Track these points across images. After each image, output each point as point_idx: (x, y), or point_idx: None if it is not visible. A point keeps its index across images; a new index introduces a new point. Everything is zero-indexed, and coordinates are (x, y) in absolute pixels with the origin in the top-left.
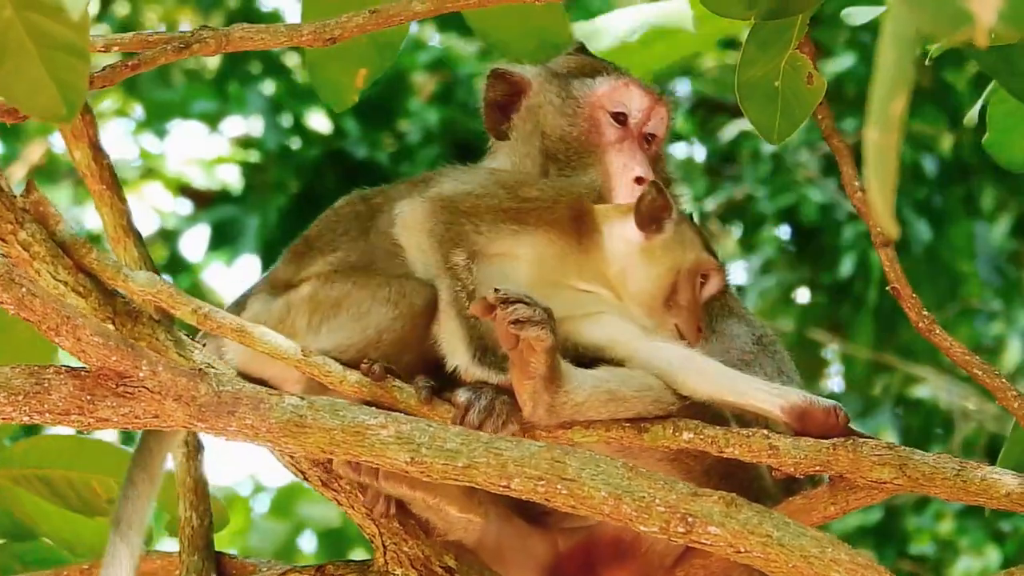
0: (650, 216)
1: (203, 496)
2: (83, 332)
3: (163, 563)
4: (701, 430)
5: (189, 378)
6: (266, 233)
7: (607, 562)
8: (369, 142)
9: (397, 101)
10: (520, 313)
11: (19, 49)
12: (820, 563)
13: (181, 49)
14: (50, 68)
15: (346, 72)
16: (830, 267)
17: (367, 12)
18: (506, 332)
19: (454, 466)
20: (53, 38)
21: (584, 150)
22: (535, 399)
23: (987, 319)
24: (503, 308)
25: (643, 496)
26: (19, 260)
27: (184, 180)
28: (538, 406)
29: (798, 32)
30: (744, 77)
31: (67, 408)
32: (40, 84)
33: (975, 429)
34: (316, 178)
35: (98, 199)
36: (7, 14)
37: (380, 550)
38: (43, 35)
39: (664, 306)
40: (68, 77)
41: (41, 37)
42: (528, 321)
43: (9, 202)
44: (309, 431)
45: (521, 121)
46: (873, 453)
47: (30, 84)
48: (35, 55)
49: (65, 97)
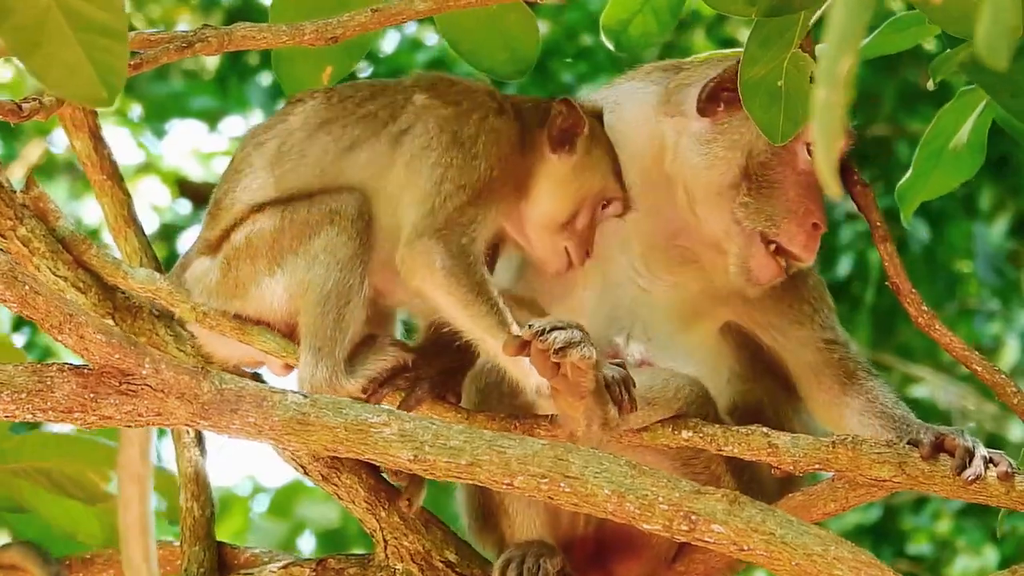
0: (560, 136)
1: (204, 487)
2: (86, 330)
3: (164, 553)
4: (700, 428)
5: (192, 376)
6: None
7: (616, 551)
8: None
9: None
10: (559, 340)
11: (57, 33)
12: (823, 561)
13: (183, 48)
14: (88, 51)
15: (313, 69)
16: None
17: (369, 11)
18: (544, 362)
19: (457, 464)
20: (90, 21)
21: None
22: (590, 416)
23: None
24: (540, 341)
25: (646, 494)
26: (19, 256)
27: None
28: (593, 422)
29: (800, 30)
30: (747, 76)
31: (70, 406)
32: (79, 68)
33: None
34: None
35: (99, 189)
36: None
37: (381, 544)
38: (80, 18)
39: (560, 228)
40: (107, 60)
41: (78, 20)
42: (568, 345)
43: (9, 198)
44: (312, 429)
45: (735, 121)
46: (872, 451)
47: (69, 68)
48: (73, 39)
49: (104, 80)
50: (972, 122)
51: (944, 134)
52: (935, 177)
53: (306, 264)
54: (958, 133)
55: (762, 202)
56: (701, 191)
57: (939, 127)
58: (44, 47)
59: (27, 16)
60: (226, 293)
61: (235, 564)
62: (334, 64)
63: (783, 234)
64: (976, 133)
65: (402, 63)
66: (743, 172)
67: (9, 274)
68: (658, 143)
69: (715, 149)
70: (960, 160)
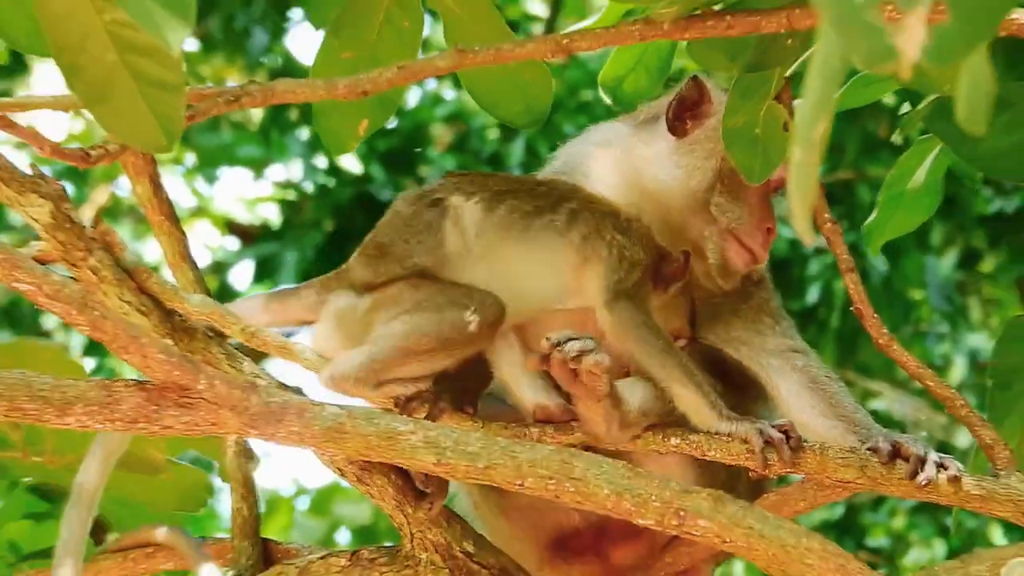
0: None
1: (251, 489)
2: (149, 350)
3: (217, 548)
4: (687, 436)
5: (242, 390)
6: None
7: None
8: (393, 185)
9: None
10: (574, 348)
11: (122, 87)
12: (796, 551)
13: (231, 102)
14: (150, 103)
15: (348, 122)
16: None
17: (395, 67)
18: (563, 371)
19: (475, 467)
20: (152, 77)
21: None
22: (608, 418)
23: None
24: (558, 352)
25: (641, 493)
26: (89, 284)
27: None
28: (612, 424)
29: (775, 84)
30: (728, 125)
31: (135, 417)
32: (142, 118)
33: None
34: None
35: (157, 228)
36: (111, 57)
37: (407, 537)
38: (143, 74)
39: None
40: (166, 110)
41: (141, 76)
42: (583, 352)
43: (80, 232)
44: (348, 437)
45: (703, 134)
46: (837, 456)
47: (133, 118)
48: (136, 92)
49: (165, 128)
50: (928, 168)
51: (904, 178)
52: (897, 217)
53: (431, 317)
54: (915, 177)
55: (732, 202)
56: (683, 199)
57: (899, 172)
58: (111, 100)
59: (97, 73)
60: (360, 332)
61: (278, 557)
62: (369, 117)
63: (746, 233)
64: (931, 177)
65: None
66: (717, 175)
67: (81, 301)
68: (635, 169)
69: (693, 160)
70: (918, 202)
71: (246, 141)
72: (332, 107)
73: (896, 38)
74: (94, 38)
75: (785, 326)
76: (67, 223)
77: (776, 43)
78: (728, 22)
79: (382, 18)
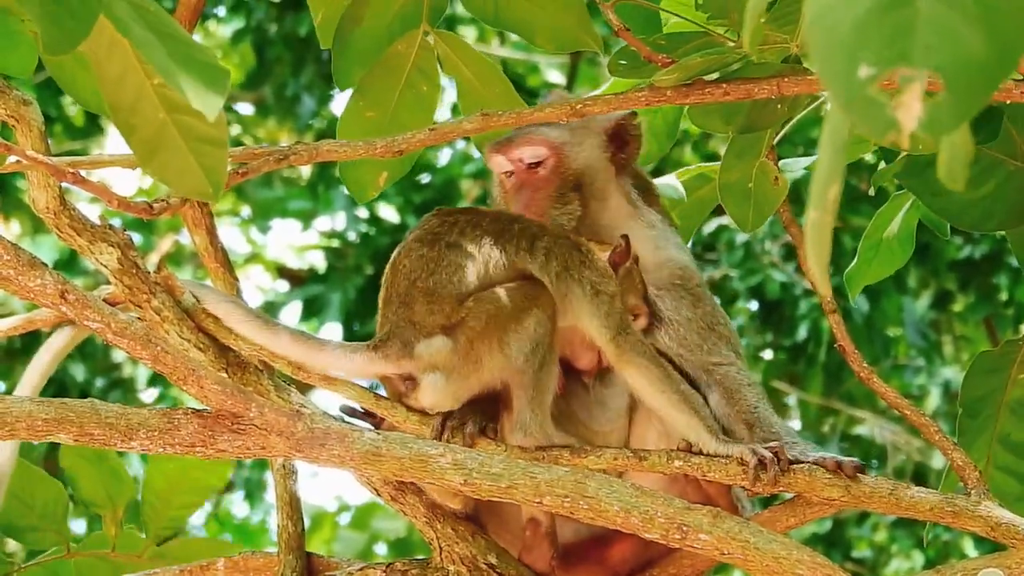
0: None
1: (296, 507)
2: (205, 381)
3: (265, 561)
4: (689, 458)
5: (289, 417)
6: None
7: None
8: None
9: (449, 202)
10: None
11: (172, 143)
12: (788, 563)
13: (281, 160)
14: (197, 157)
15: (371, 173)
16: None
17: (427, 129)
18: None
19: (498, 486)
20: (198, 132)
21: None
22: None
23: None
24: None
25: (647, 510)
26: (152, 323)
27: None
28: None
29: (766, 144)
30: (724, 180)
31: (193, 442)
32: (190, 170)
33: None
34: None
35: (213, 275)
36: (161, 116)
37: (437, 550)
38: (190, 131)
39: None
40: (211, 163)
41: (189, 132)
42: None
43: (144, 277)
44: (384, 459)
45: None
46: (824, 476)
47: (182, 171)
48: (184, 147)
49: (211, 179)
50: (902, 219)
51: (881, 228)
52: (875, 264)
53: (526, 339)
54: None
55: None
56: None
57: (877, 224)
58: (162, 155)
59: (148, 130)
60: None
61: (321, 569)
62: (389, 170)
63: None
64: (906, 227)
65: (454, 172)
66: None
67: (145, 338)
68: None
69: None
70: (894, 251)
71: (296, 195)
72: (358, 160)
73: (896, 113)
74: (145, 99)
75: (713, 342)
76: (133, 269)
77: (767, 108)
78: (724, 89)
79: (403, 82)
